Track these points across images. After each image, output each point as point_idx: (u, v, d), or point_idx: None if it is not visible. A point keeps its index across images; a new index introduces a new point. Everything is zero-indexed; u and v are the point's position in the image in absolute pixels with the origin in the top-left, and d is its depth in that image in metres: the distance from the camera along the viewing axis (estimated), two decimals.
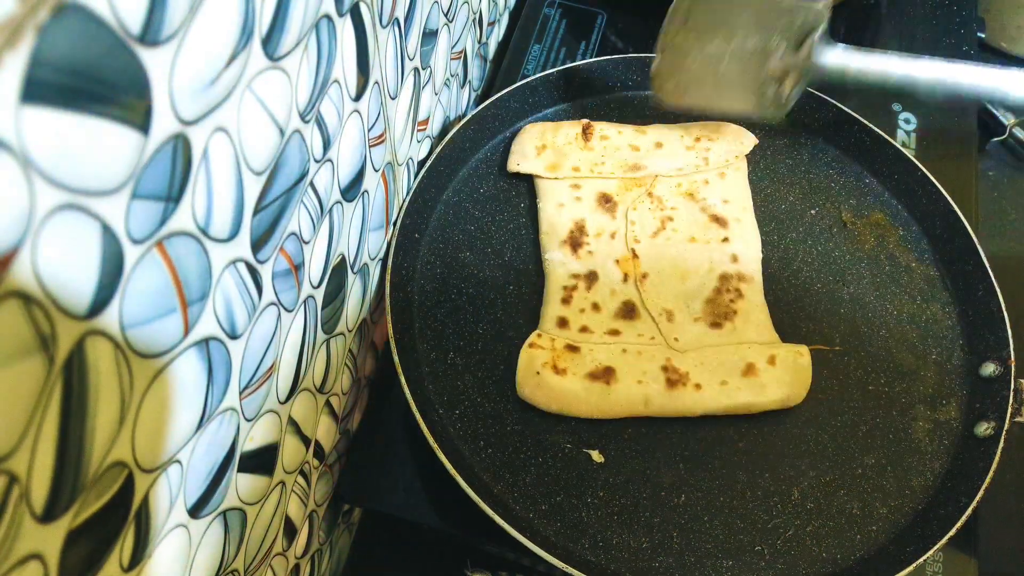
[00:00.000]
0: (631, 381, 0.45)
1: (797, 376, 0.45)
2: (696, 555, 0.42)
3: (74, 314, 0.19)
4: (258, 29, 0.25)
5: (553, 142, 0.53)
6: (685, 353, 0.46)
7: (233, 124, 0.25)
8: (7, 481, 0.18)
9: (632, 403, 0.44)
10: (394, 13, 0.39)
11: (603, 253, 0.49)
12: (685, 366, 0.45)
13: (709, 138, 0.54)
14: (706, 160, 0.53)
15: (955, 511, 0.41)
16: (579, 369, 0.45)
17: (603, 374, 0.45)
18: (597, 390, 0.44)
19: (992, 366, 0.46)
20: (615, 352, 0.46)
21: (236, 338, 0.29)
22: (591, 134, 0.54)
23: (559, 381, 0.44)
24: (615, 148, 0.54)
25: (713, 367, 0.45)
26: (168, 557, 0.27)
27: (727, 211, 0.51)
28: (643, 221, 0.51)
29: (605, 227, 0.51)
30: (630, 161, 0.53)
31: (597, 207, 0.51)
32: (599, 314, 0.47)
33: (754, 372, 0.45)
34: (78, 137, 0.18)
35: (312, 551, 0.47)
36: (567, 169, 0.52)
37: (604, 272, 0.49)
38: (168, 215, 0.23)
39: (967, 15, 0.68)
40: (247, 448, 0.32)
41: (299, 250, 0.33)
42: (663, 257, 0.49)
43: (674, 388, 0.44)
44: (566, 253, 0.49)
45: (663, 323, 0.47)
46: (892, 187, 0.54)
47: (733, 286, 0.48)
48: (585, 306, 0.47)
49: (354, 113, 0.37)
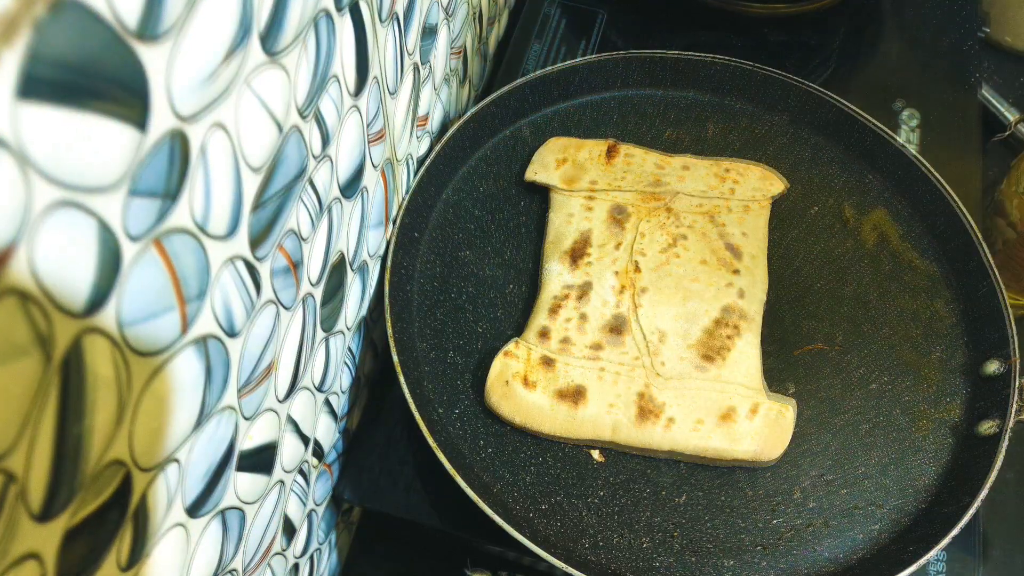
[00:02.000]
0: (601, 405, 0.43)
1: (776, 433, 0.43)
2: (697, 555, 0.42)
3: (71, 312, 0.19)
4: (256, 25, 0.25)
5: (575, 157, 0.52)
6: (666, 382, 0.44)
7: (231, 120, 0.25)
8: (4, 480, 0.18)
9: (598, 429, 0.43)
10: (393, 9, 0.39)
11: (603, 264, 0.47)
12: (663, 397, 0.43)
13: (739, 172, 0.52)
14: (732, 191, 0.51)
15: (958, 510, 0.41)
16: (549, 384, 0.43)
17: (573, 394, 0.43)
18: (564, 410, 0.43)
19: (995, 364, 0.46)
20: (591, 372, 0.44)
21: (234, 336, 0.29)
22: (616, 153, 0.52)
23: (527, 394, 0.43)
24: (639, 165, 0.52)
25: (692, 403, 0.43)
26: (166, 556, 0.27)
27: (744, 244, 0.49)
28: (654, 234, 0.49)
29: (612, 239, 0.48)
30: (652, 178, 0.51)
31: (608, 219, 0.49)
32: (585, 326, 0.45)
33: (732, 419, 0.43)
34: (75, 134, 0.18)
35: (311, 550, 0.47)
36: (584, 183, 0.51)
37: (600, 283, 0.47)
38: (166, 212, 0.22)
39: (969, 11, 0.68)
40: (246, 447, 0.32)
41: (298, 248, 0.33)
42: (668, 274, 0.47)
43: (645, 420, 0.43)
44: (565, 264, 0.48)
45: (653, 343, 0.45)
46: (894, 185, 0.54)
47: (733, 321, 0.46)
48: (572, 317, 0.46)
49: (353, 110, 0.36)
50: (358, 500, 0.47)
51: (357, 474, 0.47)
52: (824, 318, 0.49)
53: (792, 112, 0.56)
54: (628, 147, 0.53)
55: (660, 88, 0.58)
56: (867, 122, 0.55)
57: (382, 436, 0.48)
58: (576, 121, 0.56)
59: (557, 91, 0.56)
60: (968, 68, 0.64)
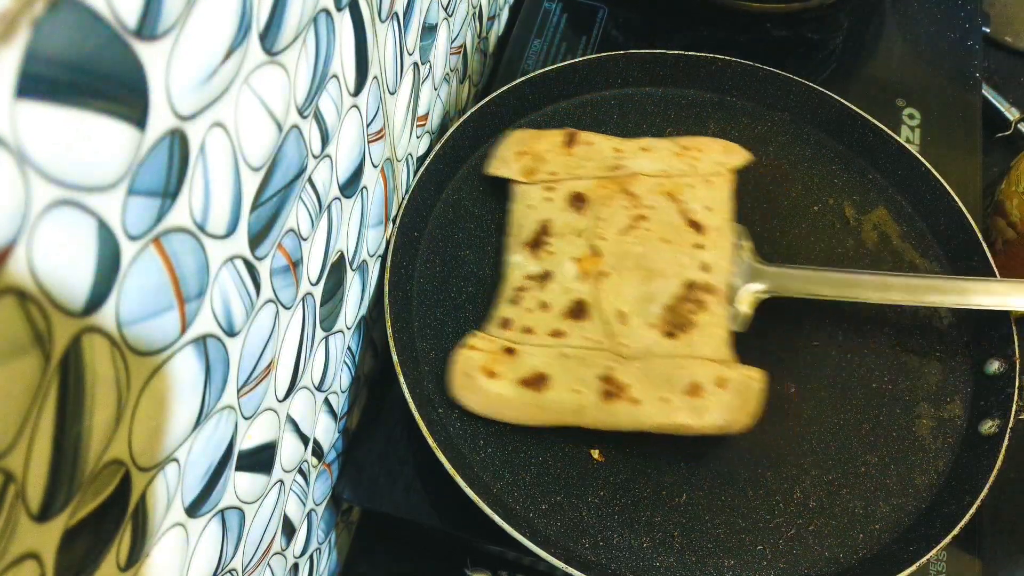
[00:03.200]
0: (565, 389, 0.42)
1: (744, 401, 0.42)
2: (698, 554, 0.42)
3: (70, 311, 0.19)
4: (256, 23, 0.25)
5: (534, 148, 0.51)
6: (630, 362, 0.43)
7: (231, 119, 0.25)
8: (3, 480, 0.18)
9: (562, 412, 0.43)
10: (393, 7, 0.39)
11: (563, 252, 0.47)
12: (627, 377, 0.43)
13: (699, 148, 0.52)
14: (693, 167, 0.51)
15: (959, 509, 0.41)
16: (512, 373, 0.43)
17: (536, 380, 0.42)
18: (528, 396, 0.42)
19: (996, 364, 0.46)
20: (553, 357, 0.43)
21: (234, 335, 0.28)
22: (575, 142, 0.51)
23: (490, 385, 0.43)
24: (598, 151, 0.51)
25: (656, 381, 0.42)
26: (165, 556, 0.27)
27: (707, 218, 0.48)
28: (613, 218, 0.48)
29: (571, 225, 0.48)
30: (610, 162, 0.51)
31: (567, 207, 0.49)
32: (546, 313, 0.45)
33: (699, 393, 0.42)
34: (74, 132, 0.18)
35: (311, 550, 0.47)
36: (543, 174, 0.50)
37: (560, 271, 0.46)
38: (165, 211, 0.22)
39: (971, 9, 0.68)
40: (245, 446, 0.32)
41: (297, 247, 0.33)
42: (628, 255, 0.46)
43: (609, 400, 0.42)
44: (525, 255, 0.47)
45: (615, 324, 0.44)
46: (896, 183, 0.54)
47: (697, 296, 0.45)
48: (532, 306, 0.45)
49: (353, 108, 0.36)
50: (358, 500, 0.47)
51: (357, 474, 0.47)
52: (825, 317, 0.49)
53: (793, 110, 0.56)
54: (587, 135, 0.52)
55: (661, 86, 0.58)
56: (868, 121, 0.54)
57: (382, 436, 0.48)
58: (576, 119, 0.56)
59: (557, 89, 0.56)
60: (969, 67, 0.64)
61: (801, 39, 0.66)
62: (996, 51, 0.74)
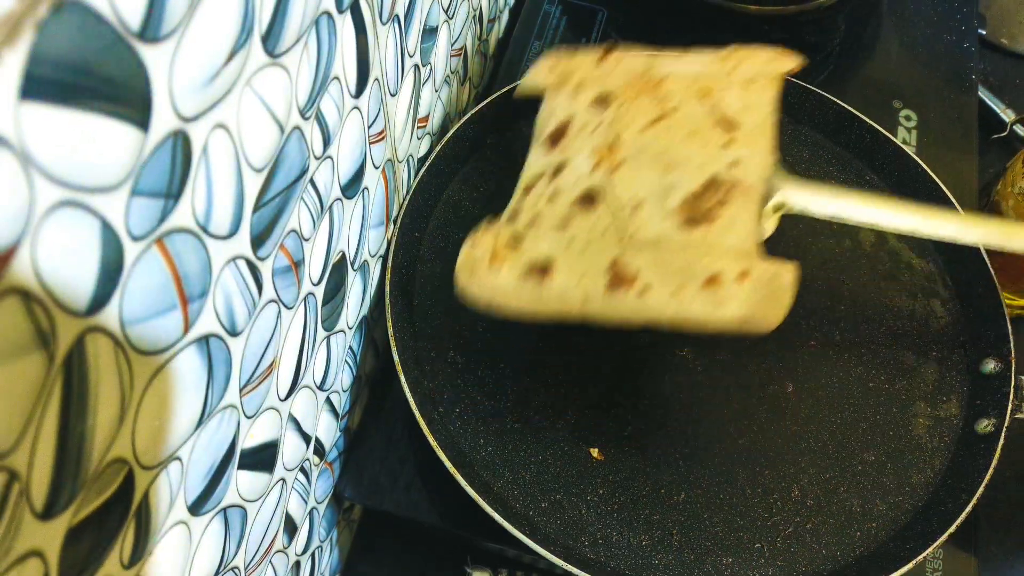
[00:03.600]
0: (571, 277, 0.38)
1: (771, 296, 0.36)
2: (696, 552, 0.42)
3: (74, 311, 0.19)
4: (258, 26, 0.25)
5: (567, 64, 0.48)
6: (641, 251, 0.38)
7: (233, 121, 0.25)
8: (7, 478, 0.18)
9: (567, 301, 0.38)
10: (394, 10, 0.39)
11: (579, 146, 0.43)
12: (637, 263, 0.38)
13: (744, 55, 0.46)
14: (734, 70, 0.45)
15: (955, 508, 0.41)
16: (516, 261, 0.39)
17: (540, 267, 0.39)
18: (531, 285, 0.39)
19: (992, 363, 0.46)
20: (559, 244, 0.39)
21: (236, 335, 0.29)
22: (609, 55, 0.47)
23: (493, 275, 0.39)
24: (630, 60, 0.47)
25: (670, 269, 0.37)
26: (168, 554, 0.27)
27: (743, 116, 0.43)
28: (636, 114, 0.43)
29: (591, 121, 0.44)
30: (642, 67, 0.46)
31: (591, 105, 0.45)
32: (555, 203, 0.41)
33: (718, 283, 0.36)
34: (78, 134, 0.18)
35: (312, 548, 0.47)
36: (572, 82, 0.46)
37: (574, 162, 0.42)
38: (168, 212, 0.23)
39: (968, 11, 0.68)
40: (247, 445, 0.32)
41: (299, 247, 0.33)
42: (649, 147, 0.42)
43: (617, 288, 0.37)
44: (542, 151, 0.44)
45: (628, 212, 0.40)
46: (892, 184, 0.54)
47: (724, 190, 0.40)
48: (541, 196, 0.42)
49: (354, 110, 0.37)
50: (359, 498, 0.47)
51: (358, 472, 0.47)
52: (822, 317, 0.49)
53: (791, 111, 0.56)
54: (622, 50, 0.48)
55: None
56: (865, 122, 0.55)
57: (383, 435, 0.48)
58: None
59: None
60: (965, 69, 0.64)
61: (799, 41, 0.66)
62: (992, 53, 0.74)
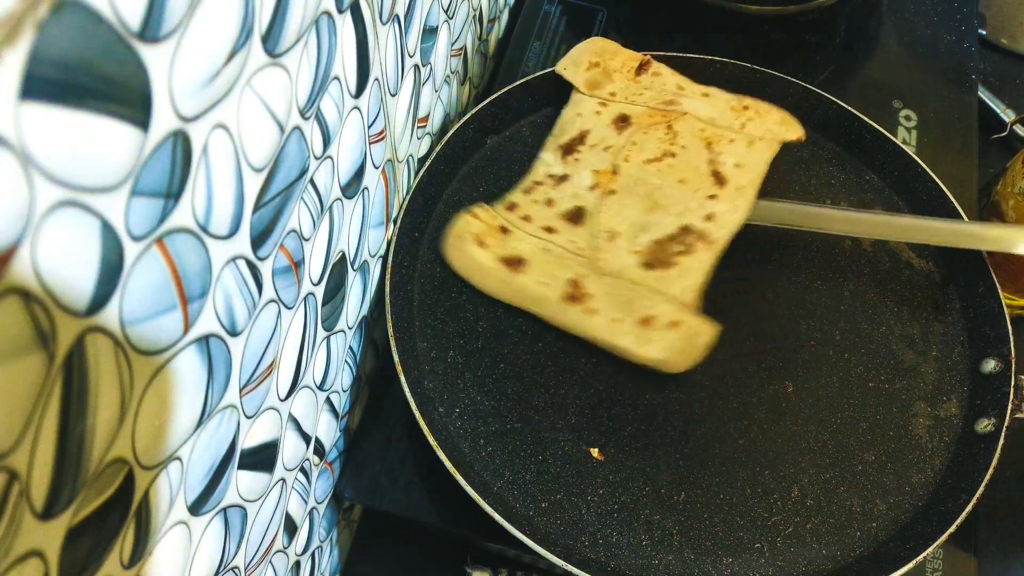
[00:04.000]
0: (535, 279, 0.45)
1: (687, 347, 0.44)
2: (696, 552, 0.42)
3: (74, 311, 0.19)
4: (258, 26, 0.25)
5: (608, 64, 0.54)
6: (601, 277, 0.45)
7: (233, 121, 0.25)
8: (7, 478, 0.18)
9: (526, 297, 0.46)
10: (394, 10, 0.39)
11: (588, 161, 0.50)
12: (592, 288, 0.45)
13: (758, 111, 0.53)
14: (743, 126, 0.52)
15: (955, 508, 0.41)
16: (498, 249, 0.46)
17: (515, 262, 0.46)
18: (502, 273, 0.46)
19: (992, 363, 0.46)
20: (537, 248, 0.46)
21: (236, 335, 0.29)
22: (646, 70, 0.54)
23: (475, 252, 0.46)
24: (661, 84, 0.53)
25: (617, 300, 0.44)
26: (168, 554, 0.27)
27: (733, 174, 0.49)
28: (645, 145, 0.50)
29: (606, 141, 0.51)
30: (669, 97, 0.53)
31: (611, 124, 0.52)
32: (548, 209, 0.48)
33: (650, 325, 0.43)
34: (78, 134, 0.18)
35: (312, 548, 0.47)
36: (604, 92, 0.53)
37: (577, 178, 0.49)
38: (168, 212, 0.23)
39: (968, 11, 0.68)
40: (247, 445, 0.32)
41: (299, 247, 0.33)
42: (643, 183, 0.49)
43: (569, 303, 0.45)
44: (556, 155, 0.51)
45: (602, 239, 0.46)
46: (892, 184, 0.54)
47: (690, 241, 0.46)
48: (540, 199, 0.48)
49: (354, 110, 0.37)
50: (359, 498, 0.47)
51: (358, 472, 0.47)
52: (822, 317, 0.49)
53: (791, 111, 0.56)
54: (660, 66, 0.54)
55: None
56: (865, 122, 0.55)
57: (383, 435, 0.48)
58: None
59: (557, 91, 0.57)
60: (966, 69, 0.64)
61: (799, 41, 0.66)
62: (992, 53, 0.74)
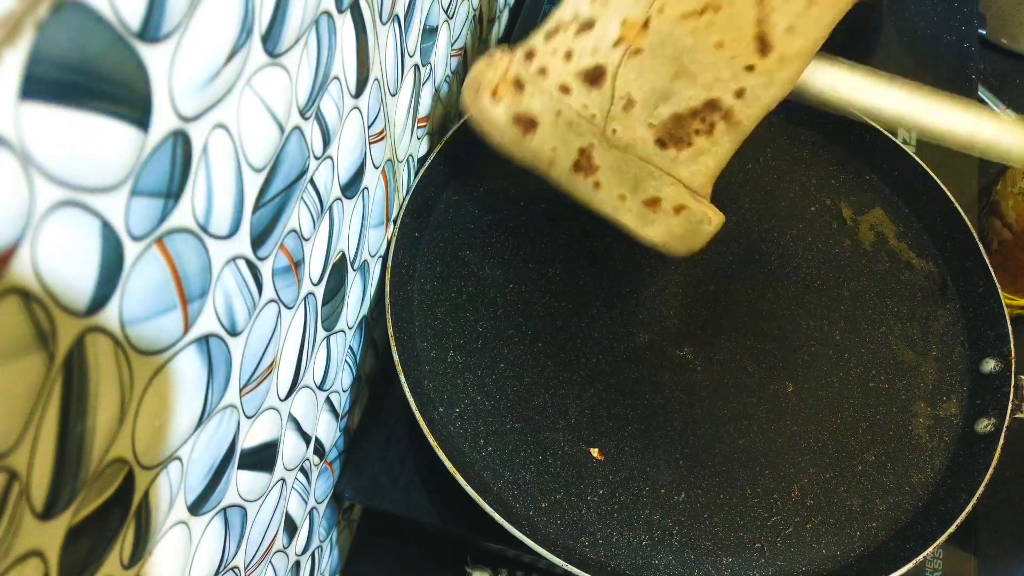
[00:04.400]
0: (546, 142, 0.44)
1: (690, 234, 0.43)
2: (696, 552, 0.42)
3: (74, 311, 0.19)
4: (258, 26, 0.25)
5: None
6: (611, 149, 0.43)
7: (233, 121, 0.25)
8: (7, 478, 0.18)
9: (537, 159, 0.44)
10: (394, 10, 0.39)
11: (616, 7, 0.44)
12: (601, 160, 0.43)
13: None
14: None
15: (955, 507, 0.41)
16: (512, 105, 0.44)
17: (526, 122, 0.44)
18: (515, 132, 0.44)
19: (992, 363, 0.46)
20: (550, 109, 0.43)
21: (236, 335, 0.29)
22: None
23: (490, 106, 0.44)
24: None
25: (624, 176, 0.43)
26: (168, 554, 0.27)
27: (782, 41, 0.41)
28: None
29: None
30: None
31: None
32: (566, 64, 0.44)
33: (655, 207, 0.43)
34: (78, 134, 0.18)
35: (312, 548, 0.47)
36: None
37: (603, 27, 0.44)
38: (168, 212, 0.23)
39: (968, 11, 0.68)
40: (247, 445, 0.32)
41: (299, 247, 0.33)
42: (673, 44, 0.42)
43: (576, 172, 0.43)
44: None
45: (617, 107, 0.43)
46: (892, 184, 0.54)
47: (712, 119, 0.42)
48: (559, 49, 0.44)
49: (354, 110, 0.37)
50: (359, 498, 0.47)
51: (358, 472, 0.47)
52: (822, 317, 0.49)
53: (790, 112, 0.57)
54: None
55: None
56: (865, 122, 0.55)
57: (383, 434, 0.48)
58: None
59: None
60: (966, 69, 0.64)
61: None
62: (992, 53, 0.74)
